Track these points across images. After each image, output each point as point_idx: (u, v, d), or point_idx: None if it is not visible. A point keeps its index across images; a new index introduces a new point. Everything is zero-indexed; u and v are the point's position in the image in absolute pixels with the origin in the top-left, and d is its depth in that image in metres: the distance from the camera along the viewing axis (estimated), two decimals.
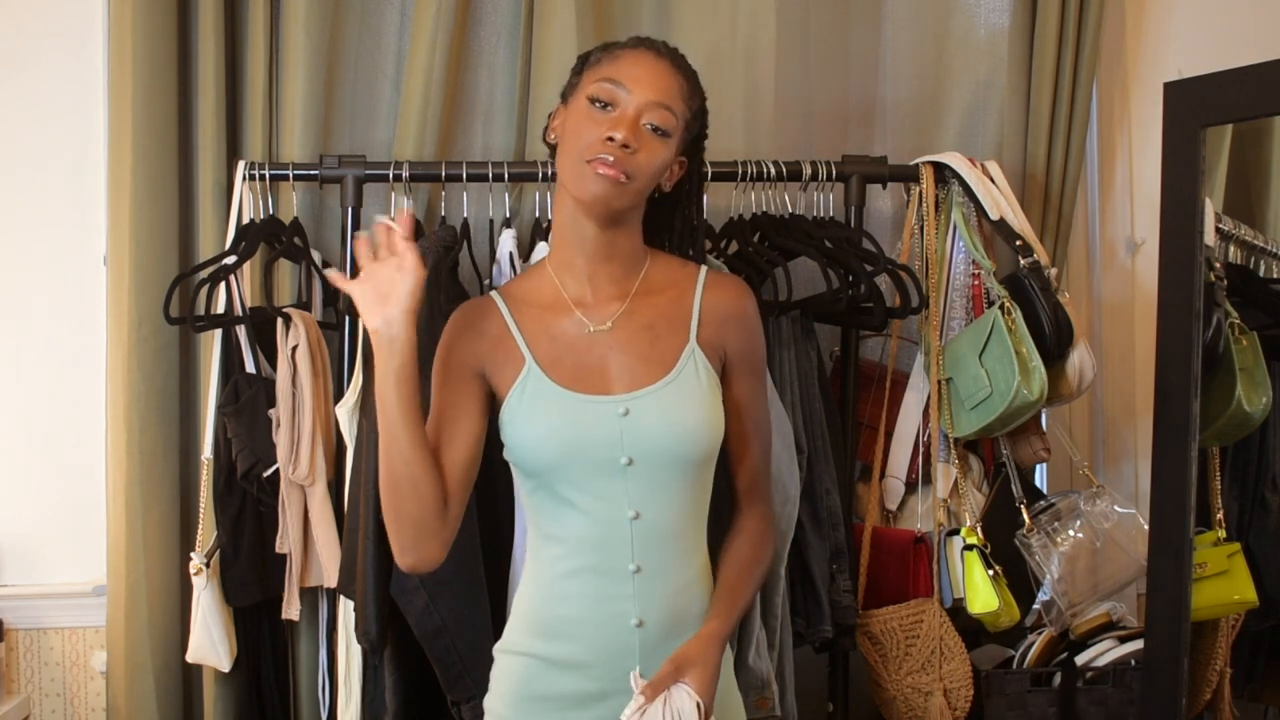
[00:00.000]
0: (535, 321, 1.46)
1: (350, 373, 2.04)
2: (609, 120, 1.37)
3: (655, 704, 1.30)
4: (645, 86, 1.39)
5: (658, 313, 1.46)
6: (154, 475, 2.16)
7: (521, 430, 1.41)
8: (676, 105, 1.41)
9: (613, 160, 1.35)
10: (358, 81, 2.29)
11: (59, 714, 2.33)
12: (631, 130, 1.36)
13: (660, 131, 1.39)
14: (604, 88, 1.39)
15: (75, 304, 2.30)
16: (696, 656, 1.35)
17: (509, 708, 1.47)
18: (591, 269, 1.45)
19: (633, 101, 1.38)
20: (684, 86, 1.43)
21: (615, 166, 1.35)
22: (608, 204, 1.38)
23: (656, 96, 1.39)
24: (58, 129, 2.29)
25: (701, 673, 1.33)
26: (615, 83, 1.39)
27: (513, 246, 2.06)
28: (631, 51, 1.43)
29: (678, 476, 1.42)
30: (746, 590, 1.46)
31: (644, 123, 1.38)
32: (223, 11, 2.16)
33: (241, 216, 2.10)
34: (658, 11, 2.32)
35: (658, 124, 1.39)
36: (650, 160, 1.38)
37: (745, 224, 2.16)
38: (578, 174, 1.38)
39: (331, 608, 2.10)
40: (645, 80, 1.39)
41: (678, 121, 1.41)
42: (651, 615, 1.41)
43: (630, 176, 1.36)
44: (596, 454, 1.40)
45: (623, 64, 1.41)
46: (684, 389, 1.43)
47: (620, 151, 1.35)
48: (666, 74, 1.42)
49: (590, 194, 1.37)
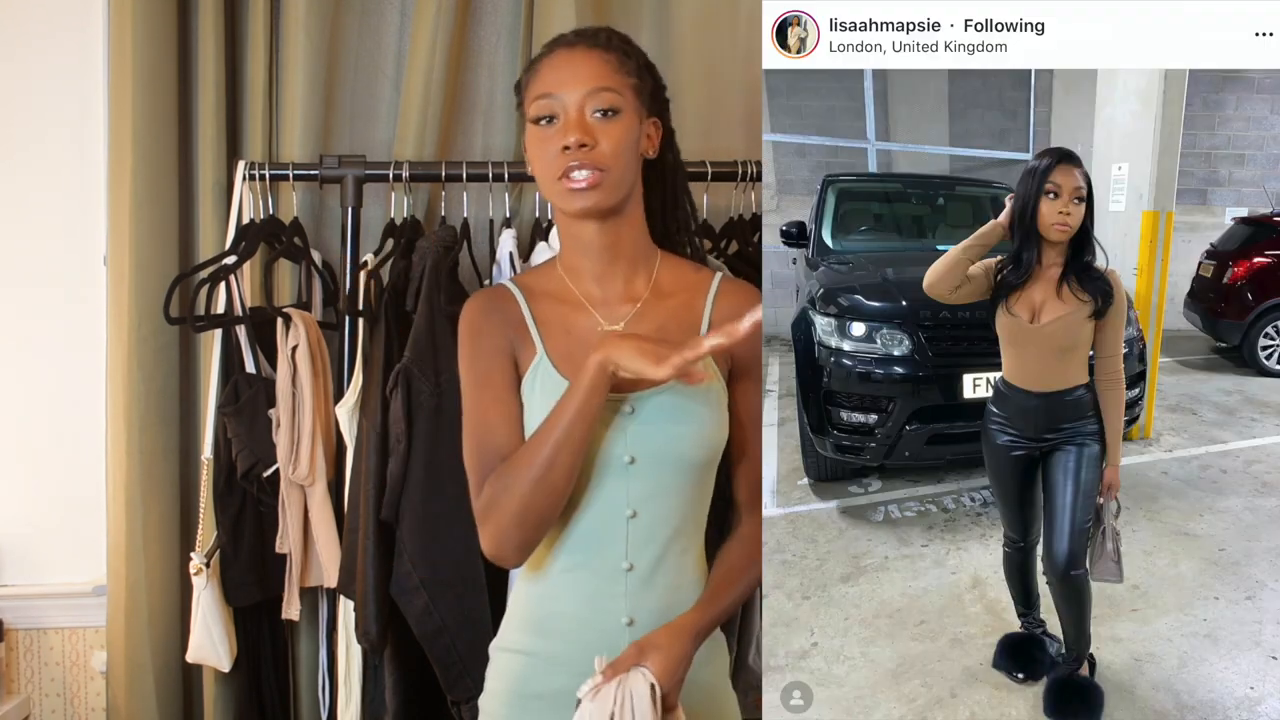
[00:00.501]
0: (551, 314, 1.46)
1: (350, 373, 2.04)
2: (557, 132, 1.37)
3: (610, 685, 1.31)
4: (572, 82, 1.37)
5: (669, 315, 1.46)
6: (154, 475, 2.16)
7: (529, 421, 1.41)
8: (612, 80, 1.39)
9: (579, 167, 1.35)
10: (358, 81, 2.29)
11: (59, 714, 2.33)
12: (580, 129, 1.35)
13: (609, 112, 1.38)
14: (539, 105, 1.38)
15: (75, 304, 2.30)
16: (661, 643, 1.35)
17: (504, 706, 1.47)
18: (599, 270, 1.45)
19: (569, 103, 1.37)
20: (611, 58, 1.41)
21: (585, 174, 1.35)
22: (597, 207, 1.38)
23: (588, 85, 1.37)
24: (58, 129, 2.29)
25: (664, 660, 1.33)
26: (547, 95, 1.38)
27: (513, 246, 2.06)
28: (546, 58, 1.42)
29: (678, 478, 1.42)
30: (733, 592, 1.46)
31: (590, 114, 1.37)
32: (223, 11, 2.16)
33: (241, 216, 2.10)
34: (657, 11, 2.32)
35: (603, 107, 1.37)
36: (615, 143, 1.37)
37: (745, 224, 2.16)
38: (556, 194, 1.38)
39: (331, 608, 2.11)
40: (569, 77, 1.38)
41: (621, 94, 1.39)
42: (642, 614, 1.41)
43: (604, 168, 1.36)
44: (600, 451, 1.40)
45: (544, 74, 1.40)
46: (691, 392, 1.42)
47: (580, 154, 1.35)
48: (585, 58, 1.40)
49: (575, 208, 1.38)
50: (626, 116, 1.39)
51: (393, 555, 1.89)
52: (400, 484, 1.88)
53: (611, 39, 1.43)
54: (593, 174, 1.35)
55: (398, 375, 1.88)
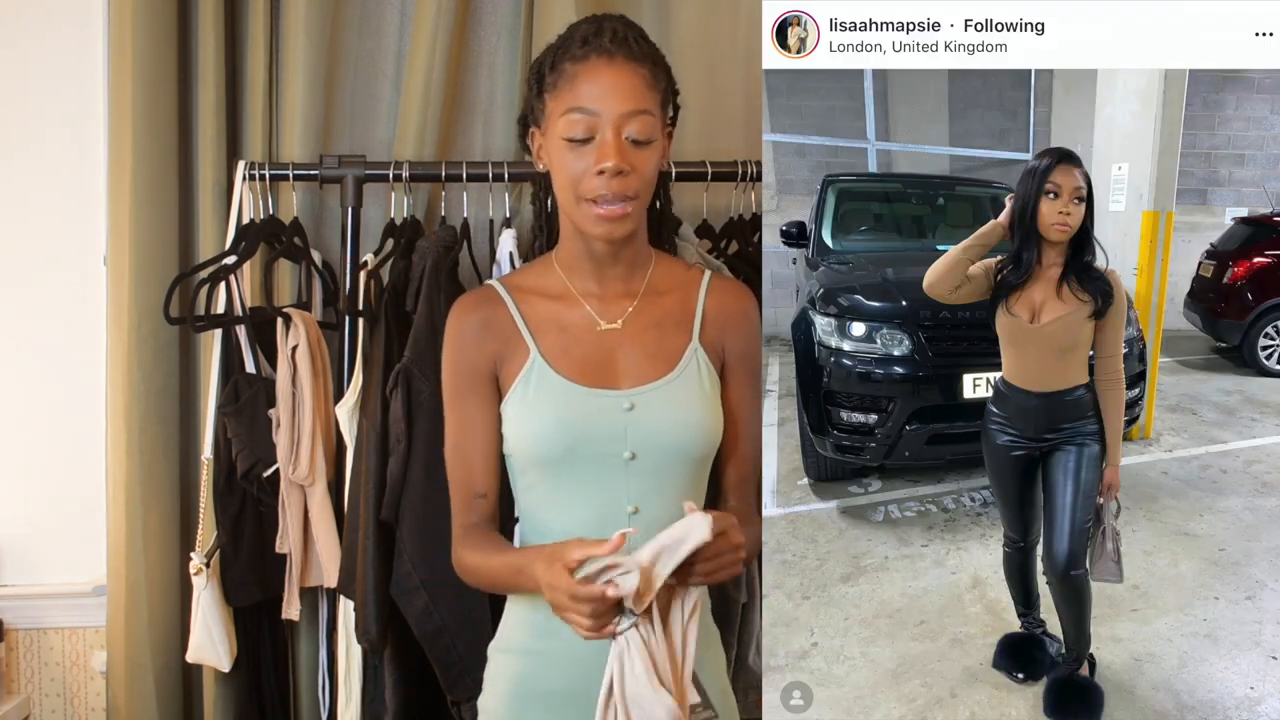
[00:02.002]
0: (542, 312, 1.45)
1: (350, 373, 2.04)
2: (593, 153, 1.33)
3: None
4: (612, 101, 1.33)
5: (664, 312, 1.47)
6: (154, 475, 2.16)
7: (527, 423, 1.41)
8: (649, 102, 1.35)
9: (611, 197, 1.33)
10: (358, 81, 2.29)
11: (59, 714, 2.33)
12: (619, 155, 1.31)
13: (644, 142, 1.35)
14: (574, 121, 1.33)
15: (75, 304, 2.30)
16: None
17: (505, 707, 1.46)
18: (599, 271, 1.45)
19: (608, 123, 1.32)
20: (647, 74, 1.36)
21: (616, 201, 1.33)
22: (625, 235, 1.38)
23: (628, 107, 1.33)
24: (57, 128, 2.29)
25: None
26: (583, 111, 1.32)
27: (513, 246, 2.06)
28: (584, 65, 1.35)
29: (678, 472, 1.43)
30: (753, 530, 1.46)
31: (625, 136, 1.33)
32: (223, 11, 2.16)
33: (241, 216, 2.10)
34: (658, 11, 2.32)
35: (640, 137, 1.33)
36: (648, 171, 1.36)
37: (745, 224, 2.16)
38: (578, 214, 1.36)
39: (331, 608, 2.11)
40: (609, 94, 1.33)
41: (655, 117, 1.37)
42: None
43: (635, 196, 1.35)
44: (600, 448, 1.40)
45: (581, 85, 1.34)
46: (687, 386, 1.43)
47: (617, 181, 1.32)
48: (627, 74, 1.34)
49: (598, 234, 1.36)
50: (659, 142, 1.37)
51: (393, 555, 1.89)
52: (400, 484, 1.88)
53: (643, 46, 1.38)
54: (624, 205, 1.33)
55: (398, 375, 1.88)
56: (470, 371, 1.44)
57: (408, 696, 1.95)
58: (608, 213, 1.33)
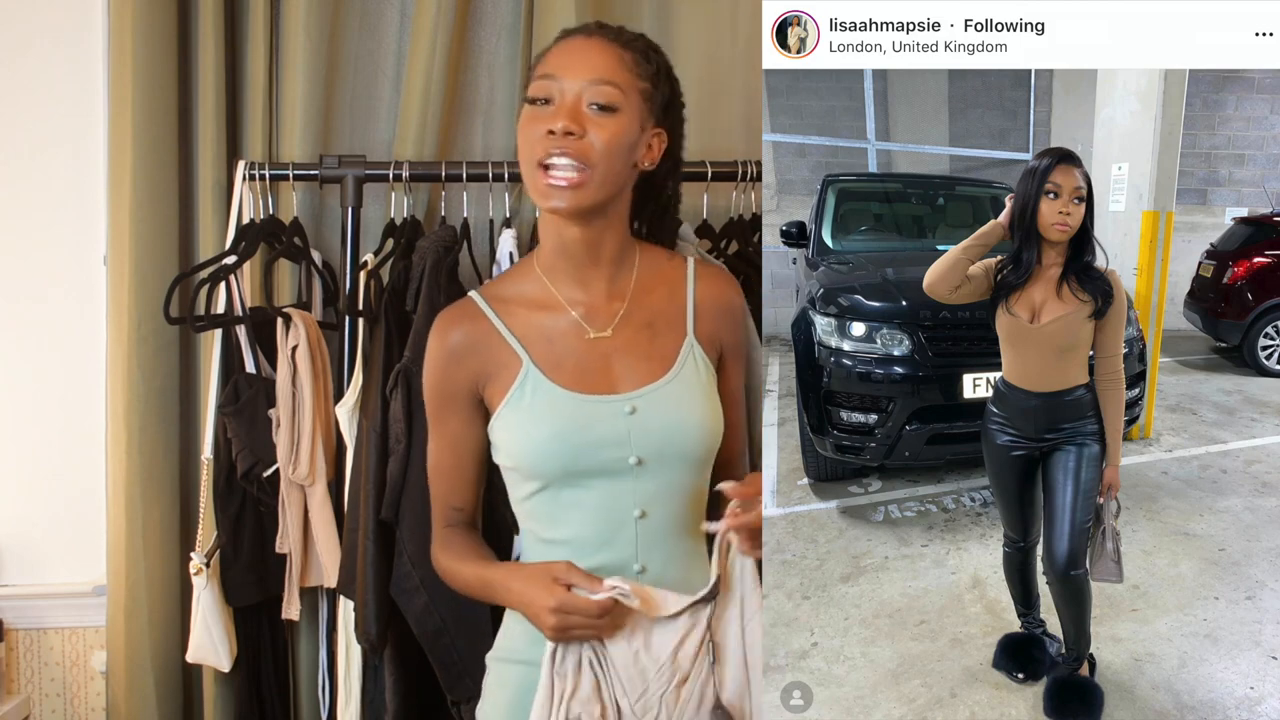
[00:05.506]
0: (527, 322, 1.42)
1: (350, 373, 2.04)
2: (548, 115, 1.32)
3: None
4: (578, 69, 1.32)
5: (655, 311, 1.44)
6: (154, 475, 2.16)
7: (526, 435, 1.38)
8: (619, 77, 1.33)
9: (561, 155, 1.31)
10: (358, 81, 2.29)
11: (59, 714, 2.33)
12: (571, 116, 1.30)
13: (607, 108, 1.32)
14: (539, 85, 1.33)
15: (75, 304, 2.30)
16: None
17: (505, 717, 1.43)
18: (581, 274, 1.41)
19: (567, 89, 1.32)
20: (626, 56, 1.35)
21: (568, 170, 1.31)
22: (575, 208, 1.34)
23: (592, 75, 1.32)
24: (58, 130, 2.29)
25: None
26: (548, 76, 1.33)
27: (513, 246, 2.06)
28: (561, 42, 1.38)
29: (684, 474, 1.41)
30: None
31: (587, 104, 1.32)
32: (223, 11, 2.16)
33: (241, 216, 2.10)
34: (658, 11, 2.32)
35: (601, 101, 1.31)
36: (606, 140, 1.32)
37: (745, 224, 2.16)
38: (533, 182, 1.33)
39: (331, 608, 2.11)
40: (577, 63, 1.33)
41: (625, 93, 1.33)
42: None
43: (589, 165, 1.32)
44: (605, 454, 1.37)
45: (552, 56, 1.36)
46: (686, 384, 1.42)
47: (566, 141, 1.30)
48: (600, 50, 1.34)
49: (550, 205, 1.33)
50: (625, 117, 1.34)
51: (393, 555, 1.89)
52: (400, 484, 1.88)
53: (636, 39, 1.39)
54: (576, 173, 1.31)
55: (398, 375, 1.87)
56: (451, 392, 1.42)
57: (408, 696, 1.95)
58: (556, 179, 1.31)
